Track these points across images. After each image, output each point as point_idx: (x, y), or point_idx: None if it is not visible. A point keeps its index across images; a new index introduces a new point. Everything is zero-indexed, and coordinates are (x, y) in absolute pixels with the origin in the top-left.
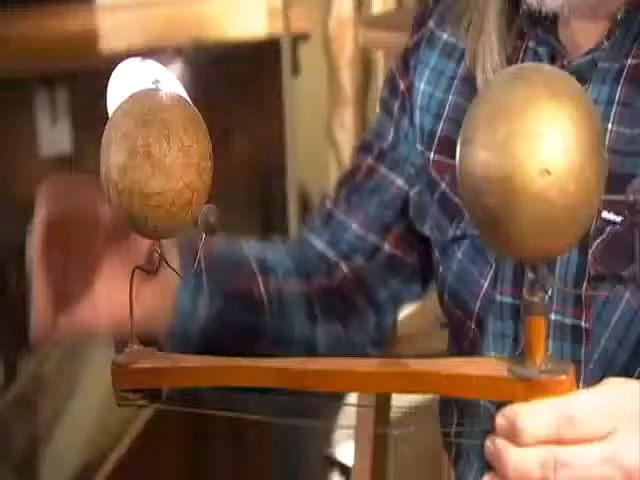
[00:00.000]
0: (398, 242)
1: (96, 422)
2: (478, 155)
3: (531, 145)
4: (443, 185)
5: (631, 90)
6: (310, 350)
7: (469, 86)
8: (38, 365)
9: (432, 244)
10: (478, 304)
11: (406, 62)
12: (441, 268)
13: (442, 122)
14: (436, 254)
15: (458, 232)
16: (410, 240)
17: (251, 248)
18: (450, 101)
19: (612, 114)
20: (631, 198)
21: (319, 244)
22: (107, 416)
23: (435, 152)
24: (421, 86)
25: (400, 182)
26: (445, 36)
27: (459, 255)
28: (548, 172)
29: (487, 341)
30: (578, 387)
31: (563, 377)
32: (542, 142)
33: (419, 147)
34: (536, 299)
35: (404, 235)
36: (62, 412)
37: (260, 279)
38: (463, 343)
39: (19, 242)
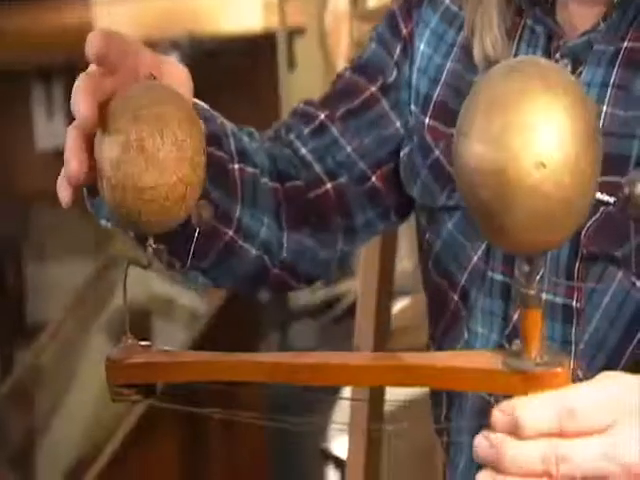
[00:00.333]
0: (384, 180)
1: (91, 415)
2: (473, 148)
3: (526, 138)
4: (437, 152)
5: (627, 73)
6: (274, 255)
7: (467, 56)
8: (35, 357)
9: (419, 208)
10: (465, 276)
11: (409, 10)
12: (428, 234)
13: (439, 87)
14: (423, 220)
15: (450, 202)
16: (395, 182)
17: (231, 128)
18: (448, 67)
19: (607, 96)
20: (626, 191)
21: (304, 151)
22: (102, 410)
23: (430, 117)
24: (421, 46)
25: (398, 124)
26: (447, 1)
27: (449, 225)
28: (543, 165)
29: (475, 317)
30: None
31: (559, 370)
32: (537, 135)
33: (413, 108)
34: (532, 291)
35: (391, 176)
36: (58, 404)
37: (236, 161)
38: (444, 315)
39: (16, 235)
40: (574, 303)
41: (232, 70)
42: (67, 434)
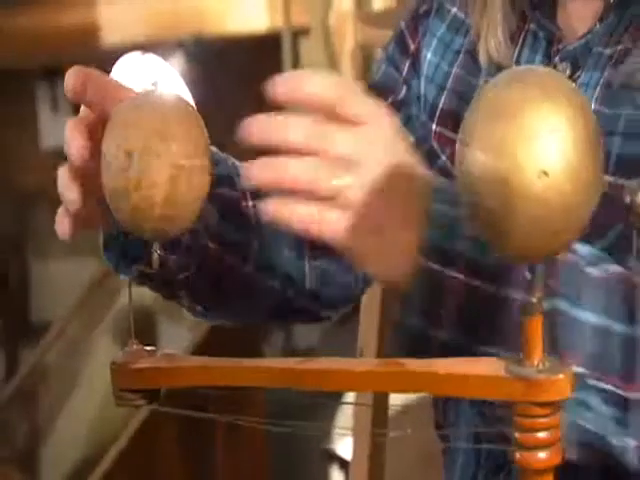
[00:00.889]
0: None
1: (97, 415)
2: (475, 157)
3: (528, 147)
4: (444, 157)
5: (612, 71)
6: (297, 285)
7: (472, 60)
8: (40, 356)
9: None
10: None
11: (416, 25)
12: None
13: (445, 94)
14: None
15: None
16: None
17: (240, 167)
18: (454, 74)
19: (596, 95)
20: (627, 199)
21: None
22: (107, 410)
23: (437, 124)
24: (428, 55)
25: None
26: (454, 10)
27: None
28: (546, 174)
29: None
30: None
31: (561, 376)
32: (539, 144)
33: (423, 117)
34: (534, 299)
35: None
36: (63, 405)
37: (250, 198)
38: None
39: (21, 233)
40: None
41: (237, 70)
42: (72, 434)
